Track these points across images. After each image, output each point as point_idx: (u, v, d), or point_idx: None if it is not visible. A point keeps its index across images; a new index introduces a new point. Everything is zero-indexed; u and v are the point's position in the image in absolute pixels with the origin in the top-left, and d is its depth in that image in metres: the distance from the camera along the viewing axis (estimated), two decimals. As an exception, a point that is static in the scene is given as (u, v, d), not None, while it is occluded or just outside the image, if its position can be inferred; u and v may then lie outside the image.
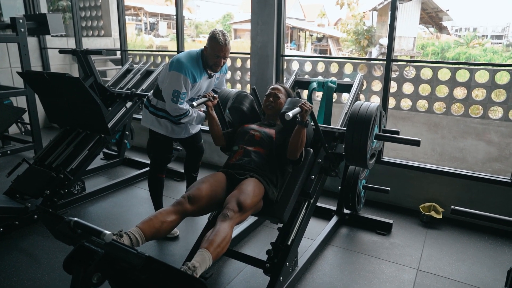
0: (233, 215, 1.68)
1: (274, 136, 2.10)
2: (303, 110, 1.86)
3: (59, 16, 3.84)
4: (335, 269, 2.30)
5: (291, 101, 2.10)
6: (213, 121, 2.17)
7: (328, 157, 2.19)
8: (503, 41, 22.12)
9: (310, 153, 2.13)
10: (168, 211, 1.71)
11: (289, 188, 2.04)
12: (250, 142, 2.08)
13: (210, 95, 2.14)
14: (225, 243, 1.59)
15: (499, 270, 2.30)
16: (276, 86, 2.30)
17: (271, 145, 2.08)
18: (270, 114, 2.25)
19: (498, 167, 5.17)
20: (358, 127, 2.04)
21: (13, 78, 4.96)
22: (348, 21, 16.51)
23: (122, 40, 4.37)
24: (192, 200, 1.77)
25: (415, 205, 2.99)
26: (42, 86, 2.95)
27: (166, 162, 2.68)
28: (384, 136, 2.27)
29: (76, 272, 1.24)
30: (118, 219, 2.87)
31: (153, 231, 1.62)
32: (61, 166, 2.93)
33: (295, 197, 2.03)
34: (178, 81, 2.28)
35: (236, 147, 2.12)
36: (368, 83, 5.75)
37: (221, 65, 2.37)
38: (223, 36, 2.28)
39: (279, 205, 1.98)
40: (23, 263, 2.29)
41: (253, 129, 2.13)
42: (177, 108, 2.33)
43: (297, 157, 1.99)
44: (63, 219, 1.36)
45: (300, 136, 1.92)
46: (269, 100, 2.24)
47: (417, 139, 2.18)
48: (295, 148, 1.95)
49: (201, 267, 1.48)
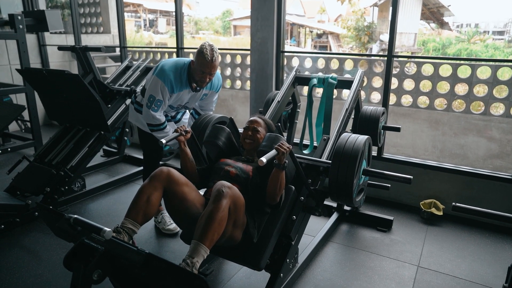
0: (229, 191, 1.57)
1: (251, 173, 1.90)
2: (279, 152, 1.66)
3: (57, 13, 3.82)
4: (335, 266, 2.30)
5: (269, 138, 1.95)
6: (186, 157, 1.96)
7: (311, 195, 1.99)
8: (505, 37, 22.04)
9: (292, 190, 1.93)
10: (147, 188, 1.67)
11: (267, 230, 1.84)
12: (225, 179, 1.85)
13: (182, 129, 1.92)
14: (220, 227, 1.52)
15: (500, 266, 2.30)
16: (255, 119, 2.11)
17: (247, 182, 1.88)
18: (248, 148, 2.05)
19: (499, 164, 5.16)
20: (344, 162, 1.87)
21: (12, 75, 4.95)
22: (348, 17, 16.46)
23: (121, 37, 4.36)
24: (169, 172, 1.71)
25: (416, 202, 2.99)
26: (42, 83, 2.94)
27: (157, 158, 2.67)
28: (373, 171, 2.06)
29: (76, 269, 1.24)
30: (119, 216, 2.87)
31: (142, 214, 1.64)
32: (61, 163, 2.92)
33: (274, 240, 1.86)
34: (156, 87, 2.24)
35: (212, 183, 1.93)
36: (368, 79, 5.73)
37: (206, 81, 2.29)
38: (211, 51, 2.17)
39: (257, 250, 1.80)
40: (25, 259, 2.29)
41: (229, 165, 1.94)
42: (149, 114, 2.27)
43: (276, 201, 1.81)
44: (63, 216, 1.36)
45: (278, 179, 1.73)
46: (247, 134, 2.04)
47: (408, 177, 1.96)
48: (274, 192, 1.77)
49: (198, 261, 1.46)
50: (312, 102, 2.77)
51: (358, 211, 2.85)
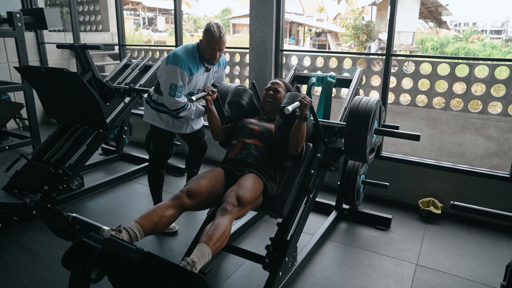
0: (233, 209, 1.67)
1: (274, 130, 2.09)
2: (302, 104, 1.85)
3: (56, 11, 3.81)
4: (334, 264, 2.30)
5: (291, 96, 2.09)
6: (212, 116, 2.16)
7: (327, 152, 2.18)
8: (502, 36, 22.06)
9: (310, 147, 2.13)
10: (166, 206, 1.71)
11: (288, 183, 2.04)
12: (249, 135, 2.07)
13: (209, 89, 2.12)
14: (224, 237, 1.59)
15: (498, 264, 2.30)
16: (275, 81, 2.28)
17: (270, 139, 2.06)
18: (269, 109, 2.23)
19: (497, 162, 5.18)
20: (357, 121, 2.03)
21: (10, 73, 4.94)
22: (347, 15, 16.45)
23: (120, 35, 4.35)
24: (191, 194, 1.77)
25: (414, 200, 3.00)
26: (40, 81, 2.92)
27: (166, 157, 2.68)
28: (384, 130, 2.27)
29: (75, 268, 1.24)
30: (117, 215, 2.86)
31: (152, 225, 1.62)
32: (60, 161, 2.91)
33: (295, 192, 2.03)
34: (174, 75, 2.28)
35: (235, 140, 2.12)
36: (367, 78, 5.74)
37: (217, 57, 2.37)
38: (218, 28, 2.26)
39: (279, 199, 1.98)
40: (22, 258, 2.29)
41: (252, 123, 2.13)
42: (174, 101, 2.32)
43: (298, 152, 1.99)
44: (61, 214, 1.36)
45: (300, 130, 1.91)
46: (268, 94, 2.22)
47: (417, 134, 2.16)
48: (296, 143, 1.94)
49: (200, 262, 1.47)
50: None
51: (356, 209, 2.85)
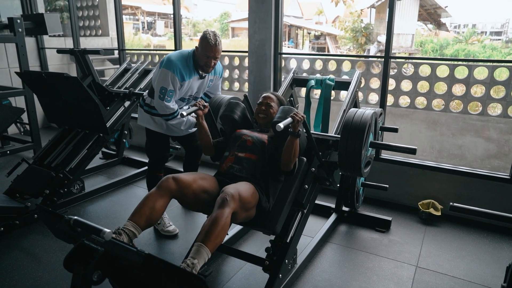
0: (232, 200, 1.64)
1: (266, 141, 2.04)
2: (294, 120, 1.80)
3: (56, 16, 3.83)
4: (334, 267, 2.31)
5: (283, 110, 2.04)
6: (202, 131, 2.09)
7: (322, 166, 2.13)
8: (502, 37, 22.09)
9: (304, 162, 2.07)
10: (154, 196, 1.71)
11: (281, 198, 1.98)
12: (241, 148, 2.02)
13: (200, 104, 2.01)
14: (223, 232, 1.59)
15: (498, 266, 2.31)
16: (268, 95, 2.23)
17: (263, 151, 2.01)
18: (262, 122, 2.18)
19: (497, 164, 5.18)
20: (352, 135, 1.98)
21: (11, 78, 4.96)
22: (346, 18, 16.49)
23: (120, 40, 4.37)
24: (177, 179, 1.75)
25: (414, 202, 3.00)
26: (41, 86, 2.94)
27: (163, 160, 2.69)
28: (380, 144, 2.22)
29: (76, 270, 1.25)
30: (118, 218, 2.87)
31: (145, 219, 1.65)
32: (61, 165, 2.93)
33: (288, 207, 1.98)
34: (166, 79, 2.29)
35: (227, 152, 2.07)
36: (366, 80, 5.74)
37: (212, 65, 2.35)
38: (214, 36, 2.26)
39: (272, 216, 1.92)
40: (24, 262, 2.29)
41: (245, 135, 2.08)
42: (163, 105, 2.32)
43: (290, 168, 1.96)
44: (63, 217, 1.37)
45: (292, 147, 1.87)
46: (261, 109, 2.17)
47: (413, 148, 2.10)
48: (289, 159, 1.91)
49: (199, 262, 1.48)
50: (310, 103, 2.77)
51: (356, 211, 2.86)
